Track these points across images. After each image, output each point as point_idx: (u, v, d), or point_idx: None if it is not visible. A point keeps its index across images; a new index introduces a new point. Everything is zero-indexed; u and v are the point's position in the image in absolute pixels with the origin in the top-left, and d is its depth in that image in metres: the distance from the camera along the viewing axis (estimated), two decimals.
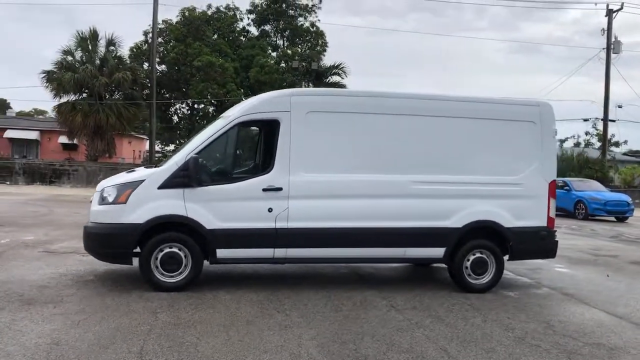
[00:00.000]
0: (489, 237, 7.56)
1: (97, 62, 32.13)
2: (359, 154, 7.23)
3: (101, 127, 31.22)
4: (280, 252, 6.98)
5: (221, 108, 30.83)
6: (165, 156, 30.62)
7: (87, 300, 6.24)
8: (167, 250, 6.72)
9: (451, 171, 7.42)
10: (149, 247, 6.65)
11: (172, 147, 42.84)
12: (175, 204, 6.68)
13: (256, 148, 8.40)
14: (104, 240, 6.76)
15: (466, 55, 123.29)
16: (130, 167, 14.92)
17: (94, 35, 31.79)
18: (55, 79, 30.56)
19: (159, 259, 6.70)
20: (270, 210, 6.86)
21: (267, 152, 7.46)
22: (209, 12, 40.39)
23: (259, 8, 40.83)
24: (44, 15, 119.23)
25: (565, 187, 23.01)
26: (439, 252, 7.40)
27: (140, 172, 7.18)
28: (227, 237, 6.78)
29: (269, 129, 7.36)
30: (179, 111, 43.11)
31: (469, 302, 7.00)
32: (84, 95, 31.87)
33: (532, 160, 7.64)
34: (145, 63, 37.35)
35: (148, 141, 37.85)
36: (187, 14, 37.93)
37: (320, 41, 41.76)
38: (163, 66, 39.30)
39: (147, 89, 34.30)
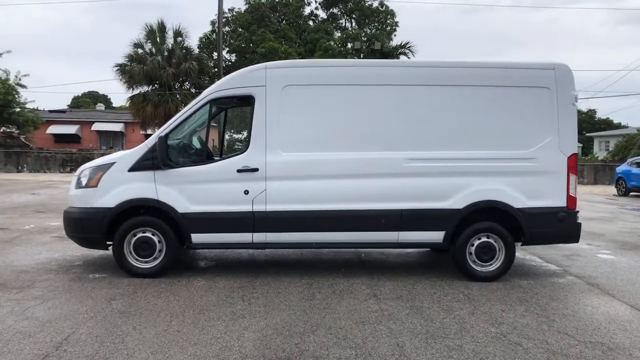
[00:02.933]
0: (497, 219, 6.72)
1: (166, 53, 33.02)
2: (343, 129, 6.61)
3: (171, 117, 32.03)
4: (259, 237, 6.55)
5: None
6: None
7: (55, 286, 6.13)
8: (140, 235, 6.51)
9: (450, 146, 6.63)
10: (121, 232, 6.45)
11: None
12: (145, 186, 6.42)
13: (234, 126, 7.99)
14: (78, 225, 6.64)
15: (568, 30, 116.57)
16: None
17: (161, 27, 32.66)
18: (127, 72, 31.79)
19: (132, 243, 6.50)
20: (246, 192, 6.44)
21: (242, 131, 7.03)
22: None
23: None
24: (142, 14, 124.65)
25: None
26: (437, 236, 6.67)
27: (113, 155, 6.98)
28: (201, 222, 6.45)
29: (244, 106, 6.92)
30: None
31: (467, 291, 6.25)
32: (156, 86, 32.92)
33: (547, 131, 6.67)
34: (214, 52, 37.93)
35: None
36: (252, 1, 38.06)
37: (389, 21, 40.59)
38: (233, 55, 39.72)
39: (217, 77, 34.85)
